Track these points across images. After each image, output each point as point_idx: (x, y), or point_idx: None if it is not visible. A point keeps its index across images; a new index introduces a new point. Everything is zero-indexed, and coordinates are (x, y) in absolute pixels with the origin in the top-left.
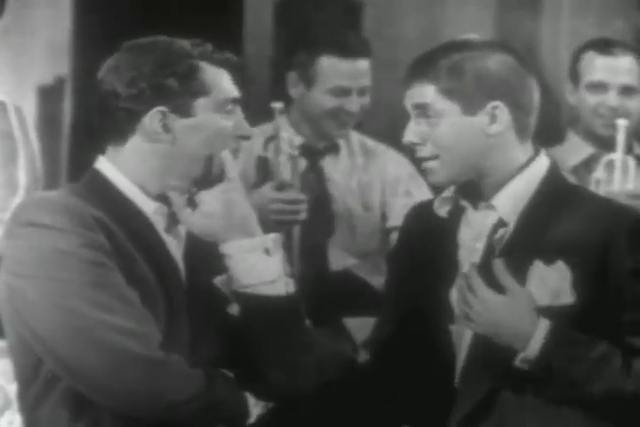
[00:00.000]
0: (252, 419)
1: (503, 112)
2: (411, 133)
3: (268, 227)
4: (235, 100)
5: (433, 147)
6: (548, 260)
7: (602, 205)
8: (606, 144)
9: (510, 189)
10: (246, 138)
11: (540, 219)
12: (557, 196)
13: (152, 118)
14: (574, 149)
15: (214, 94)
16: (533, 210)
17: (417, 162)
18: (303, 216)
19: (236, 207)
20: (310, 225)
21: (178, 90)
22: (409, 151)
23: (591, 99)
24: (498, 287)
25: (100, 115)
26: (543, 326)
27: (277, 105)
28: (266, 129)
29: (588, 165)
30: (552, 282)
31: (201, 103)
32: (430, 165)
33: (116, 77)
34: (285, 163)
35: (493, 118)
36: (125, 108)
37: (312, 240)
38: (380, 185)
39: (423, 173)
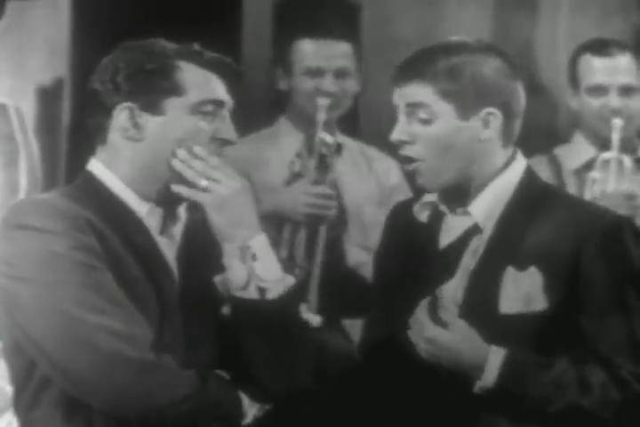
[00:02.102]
0: (248, 420)
1: (496, 118)
2: (400, 132)
3: (299, 222)
4: (217, 103)
5: (422, 148)
6: (523, 266)
7: (576, 209)
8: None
9: (487, 195)
10: (229, 142)
11: (516, 225)
12: (533, 200)
13: (119, 114)
14: (579, 150)
15: (190, 95)
16: (509, 216)
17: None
18: (333, 212)
19: (240, 209)
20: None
21: (148, 87)
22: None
23: (593, 102)
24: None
25: (86, 114)
26: (498, 355)
27: (323, 101)
28: (268, 133)
29: (591, 166)
30: (524, 288)
31: (172, 103)
32: (418, 167)
33: (97, 76)
34: (319, 161)
35: (486, 124)
36: (102, 105)
37: (329, 235)
38: (387, 185)
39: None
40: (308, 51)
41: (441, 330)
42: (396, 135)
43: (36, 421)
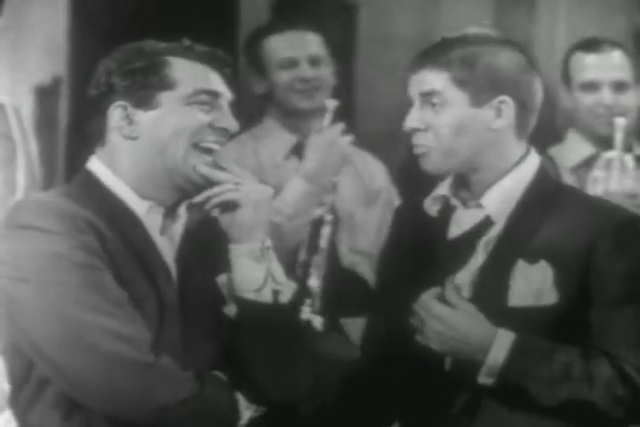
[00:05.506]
0: (244, 421)
1: (509, 108)
2: (414, 120)
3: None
4: (212, 93)
5: (434, 135)
6: (534, 260)
7: (589, 205)
8: (607, 143)
9: (500, 188)
10: (229, 132)
11: (529, 219)
12: (546, 196)
13: (113, 112)
14: (575, 149)
15: (181, 87)
16: (522, 210)
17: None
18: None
19: (267, 211)
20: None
21: (139, 84)
22: (404, 145)
23: (586, 99)
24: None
25: (85, 119)
26: (507, 336)
27: (331, 103)
28: (254, 134)
29: (588, 164)
30: (535, 282)
31: (165, 97)
32: (427, 151)
33: (93, 81)
34: None
35: (499, 113)
36: (99, 108)
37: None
38: (373, 188)
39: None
40: (278, 44)
41: (449, 309)
42: (409, 123)
43: (34, 421)
